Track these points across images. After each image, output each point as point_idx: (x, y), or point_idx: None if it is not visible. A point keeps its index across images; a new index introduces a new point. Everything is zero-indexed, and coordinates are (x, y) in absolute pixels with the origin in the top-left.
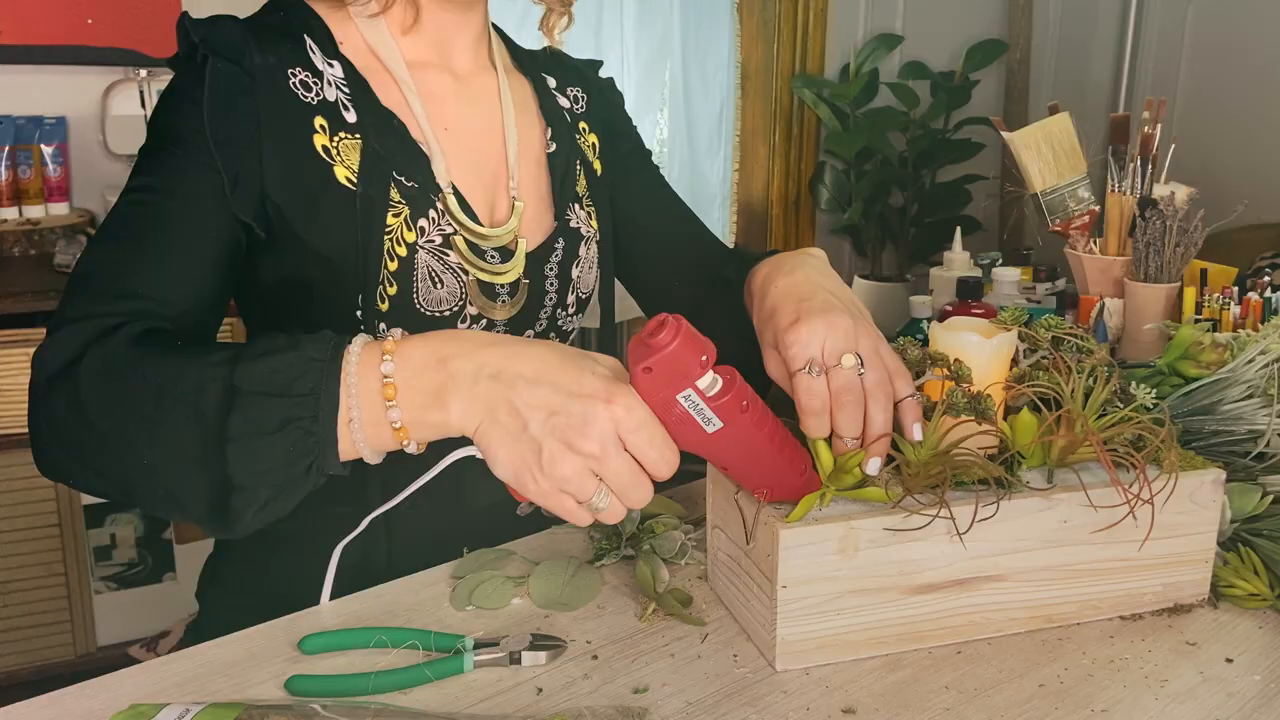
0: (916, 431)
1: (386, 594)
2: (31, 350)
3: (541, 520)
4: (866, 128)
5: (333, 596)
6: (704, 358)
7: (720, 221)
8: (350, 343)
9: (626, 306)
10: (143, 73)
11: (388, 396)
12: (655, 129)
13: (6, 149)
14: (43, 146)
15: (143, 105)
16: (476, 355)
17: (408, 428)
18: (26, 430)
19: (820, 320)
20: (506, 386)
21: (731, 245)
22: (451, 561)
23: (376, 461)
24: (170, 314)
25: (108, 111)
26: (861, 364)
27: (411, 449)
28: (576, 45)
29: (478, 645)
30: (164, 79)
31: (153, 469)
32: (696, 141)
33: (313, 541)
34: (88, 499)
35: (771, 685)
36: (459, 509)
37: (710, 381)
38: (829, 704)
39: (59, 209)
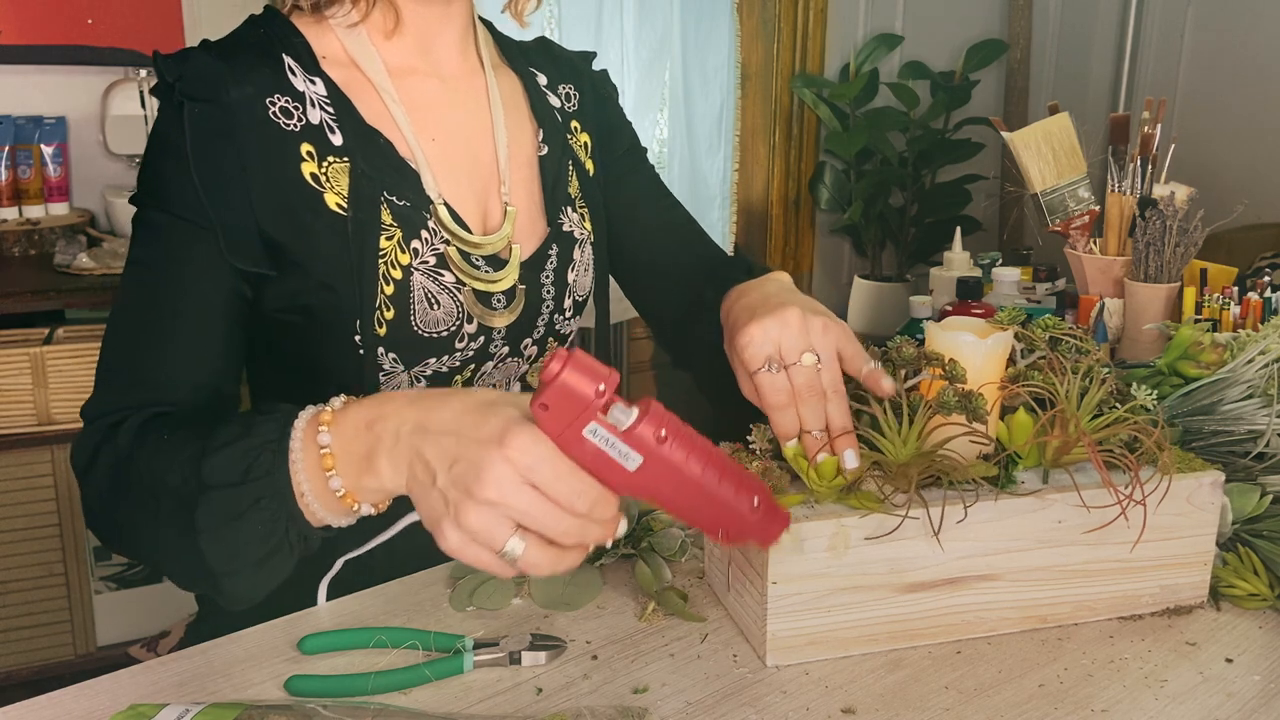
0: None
1: (386, 594)
2: (31, 350)
3: None
4: (866, 128)
5: (330, 597)
6: (600, 387)
7: (720, 221)
8: (296, 418)
9: (625, 307)
10: (143, 73)
11: (326, 466)
12: (655, 129)
13: (6, 149)
14: (43, 146)
15: (143, 105)
16: (400, 414)
17: (351, 493)
18: (27, 430)
19: (771, 318)
20: (420, 440)
21: (732, 245)
22: (451, 562)
23: (348, 524)
24: (183, 395)
25: (108, 111)
26: (819, 361)
27: (367, 510)
28: (576, 45)
29: (477, 645)
30: None
31: (168, 559)
32: (696, 141)
33: None
34: None
35: (771, 685)
36: None
37: (620, 413)
38: (829, 704)
39: (59, 209)
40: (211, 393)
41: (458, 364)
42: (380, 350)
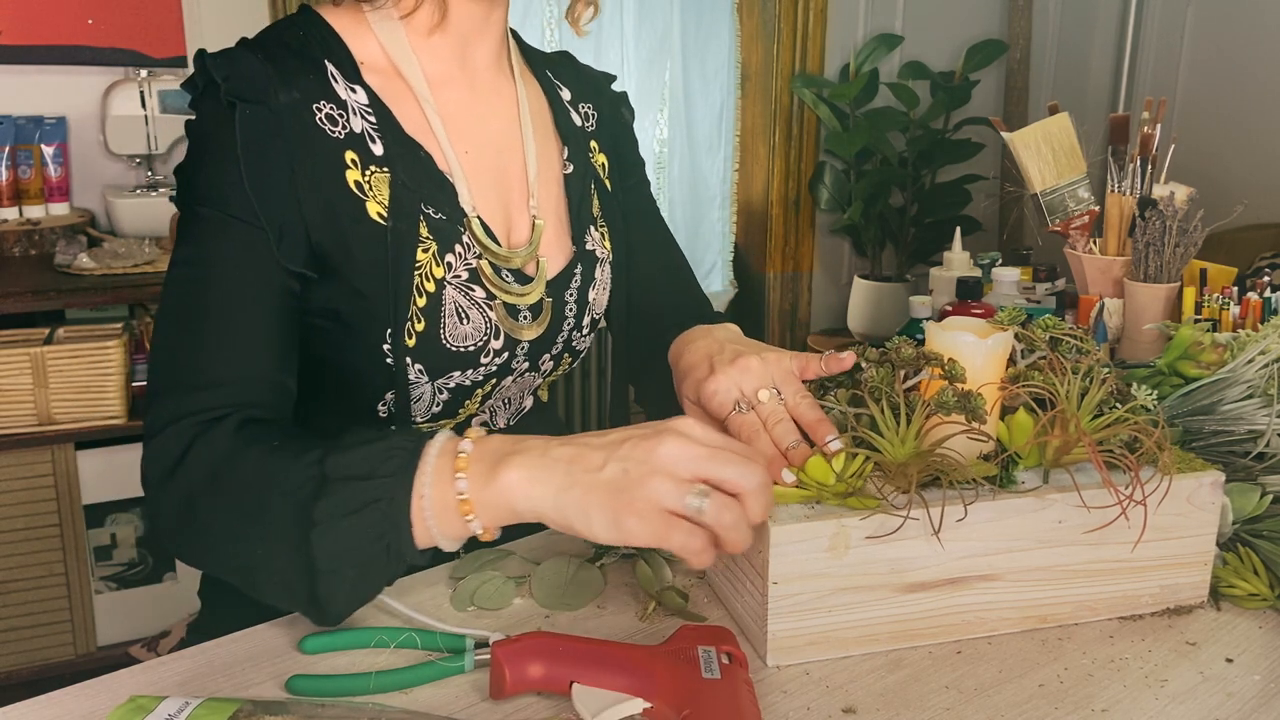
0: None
1: (387, 594)
2: (31, 350)
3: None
4: (866, 128)
5: None
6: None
7: (720, 221)
8: (436, 434)
9: None
10: (143, 73)
11: (458, 468)
12: (655, 129)
13: (6, 149)
14: (43, 146)
15: (143, 105)
16: (545, 439)
17: (472, 500)
18: (27, 430)
19: (732, 368)
20: (576, 447)
21: (732, 245)
22: (451, 561)
23: (451, 549)
24: (252, 391)
25: (108, 111)
26: (779, 393)
27: (477, 528)
28: (577, 45)
29: (478, 645)
30: (164, 79)
31: (262, 562)
32: (696, 141)
33: None
34: (88, 499)
35: (772, 685)
36: None
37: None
38: (829, 704)
39: (59, 209)
40: (278, 387)
41: (480, 378)
42: (408, 361)
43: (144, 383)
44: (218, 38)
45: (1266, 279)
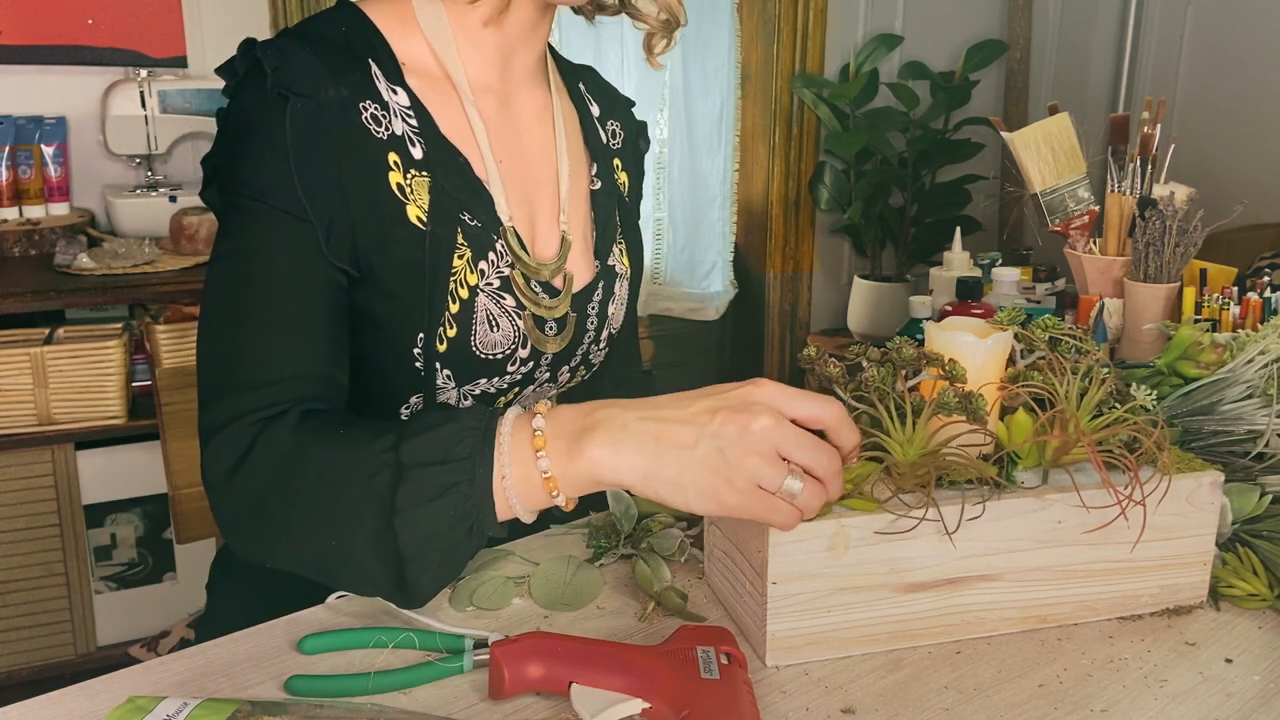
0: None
1: None
2: (31, 350)
3: (539, 521)
4: (866, 128)
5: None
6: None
7: (720, 221)
8: (504, 411)
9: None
10: (143, 73)
11: (537, 447)
12: (655, 129)
13: (6, 149)
14: (43, 146)
15: (143, 105)
16: (621, 407)
17: (556, 477)
18: (27, 430)
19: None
20: (658, 422)
21: (732, 245)
22: None
23: (530, 520)
24: (307, 386)
25: (108, 111)
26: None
27: (561, 502)
28: (576, 46)
29: (478, 645)
30: (164, 79)
31: (340, 552)
32: (696, 141)
33: None
34: (88, 499)
35: (771, 685)
36: None
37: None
38: (828, 704)
39: (59, 209)
40: (331, 381)
41: (505, 386)
42: (437, 366)
43: (144, 383)
44: (218, 38)
45: (1266, 279)
